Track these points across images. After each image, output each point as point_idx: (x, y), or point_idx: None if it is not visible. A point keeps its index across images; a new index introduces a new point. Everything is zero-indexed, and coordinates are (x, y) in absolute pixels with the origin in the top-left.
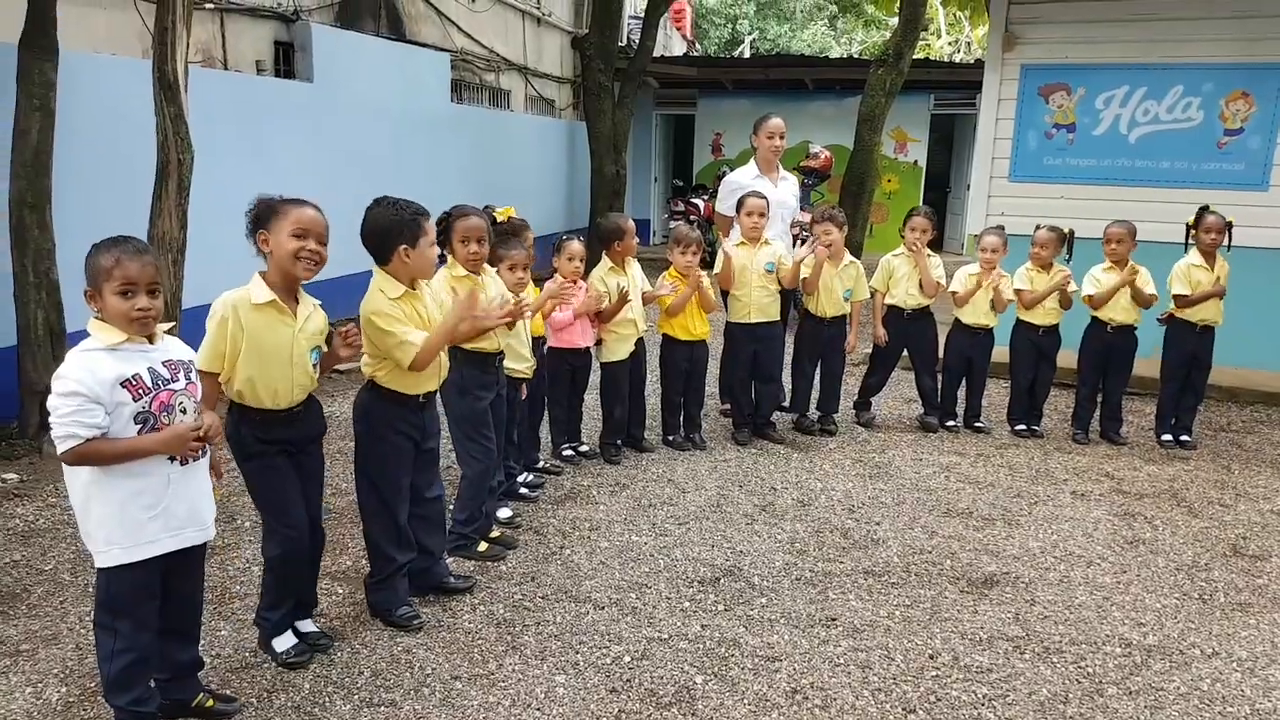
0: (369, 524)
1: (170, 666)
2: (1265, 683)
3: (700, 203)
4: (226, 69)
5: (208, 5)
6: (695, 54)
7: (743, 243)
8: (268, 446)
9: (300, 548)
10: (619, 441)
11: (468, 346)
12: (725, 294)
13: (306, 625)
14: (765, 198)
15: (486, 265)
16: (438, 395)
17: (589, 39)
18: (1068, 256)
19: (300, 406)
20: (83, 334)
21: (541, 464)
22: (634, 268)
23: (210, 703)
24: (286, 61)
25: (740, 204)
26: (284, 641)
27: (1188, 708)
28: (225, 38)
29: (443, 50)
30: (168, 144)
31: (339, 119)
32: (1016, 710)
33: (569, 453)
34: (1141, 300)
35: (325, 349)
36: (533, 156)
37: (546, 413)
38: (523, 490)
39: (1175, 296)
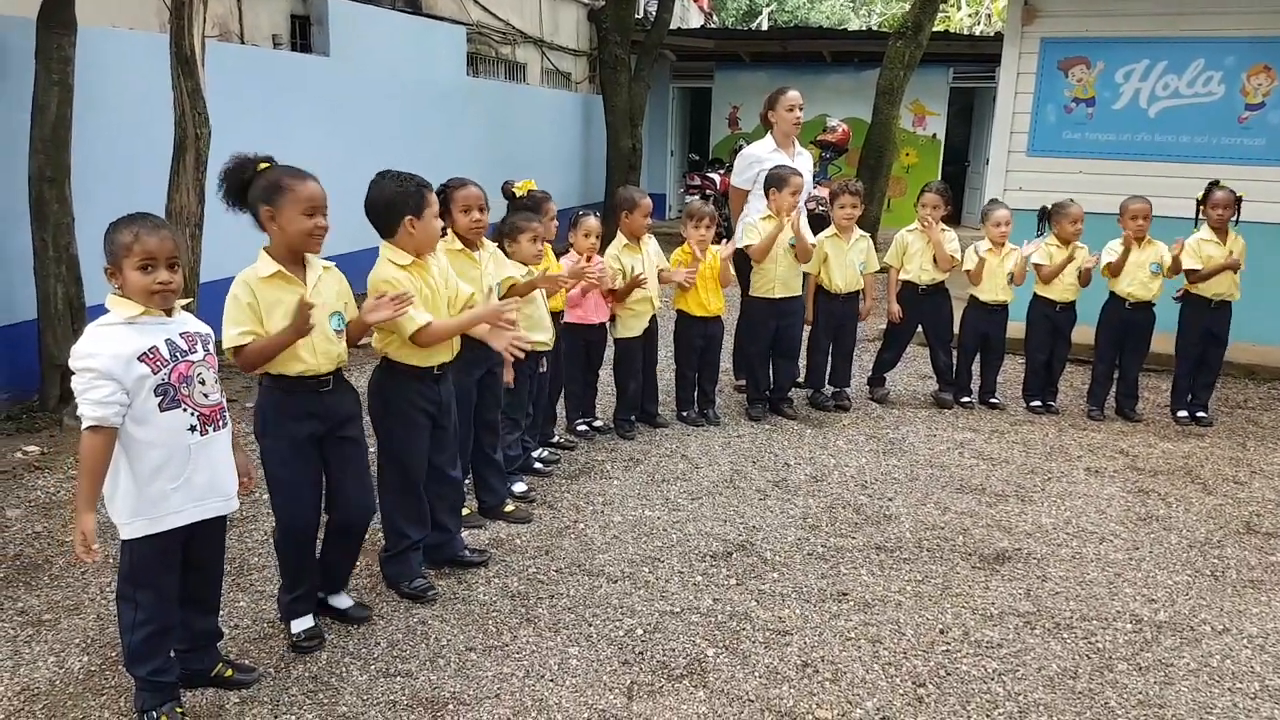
0: (386, 499)
1: (190, 636)
2: (1276, 659)
3: (716, 177)
4: (243, 43)
5: None
6: (712, 26)
7: (768, 216)
8: (293, 422)
9: (302, 532)
10: (633, 417)
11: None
12: (740, 272)
13: (342, 601)
14: (801, 174)
15: (485, 240)
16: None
17: (605, 11)
18: (1039, 231)
19: (329, 378)
20: (103, 308)
21: (556, 439)
22: (650, 244)
23: (229, 672)
24: (303, 36)
25: (779, 181)
26: (300, 624)
27: (1197, 684)
28: (242, 12)
29: (458, 23)
30: (185, 119)
31: (355, 93)
32: (1026, 685)
33: (583, 428)
34: (1085, 279)
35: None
36: (548, 130)
37: (562, 388)
38: (537, 465)
39: (1187, 272)
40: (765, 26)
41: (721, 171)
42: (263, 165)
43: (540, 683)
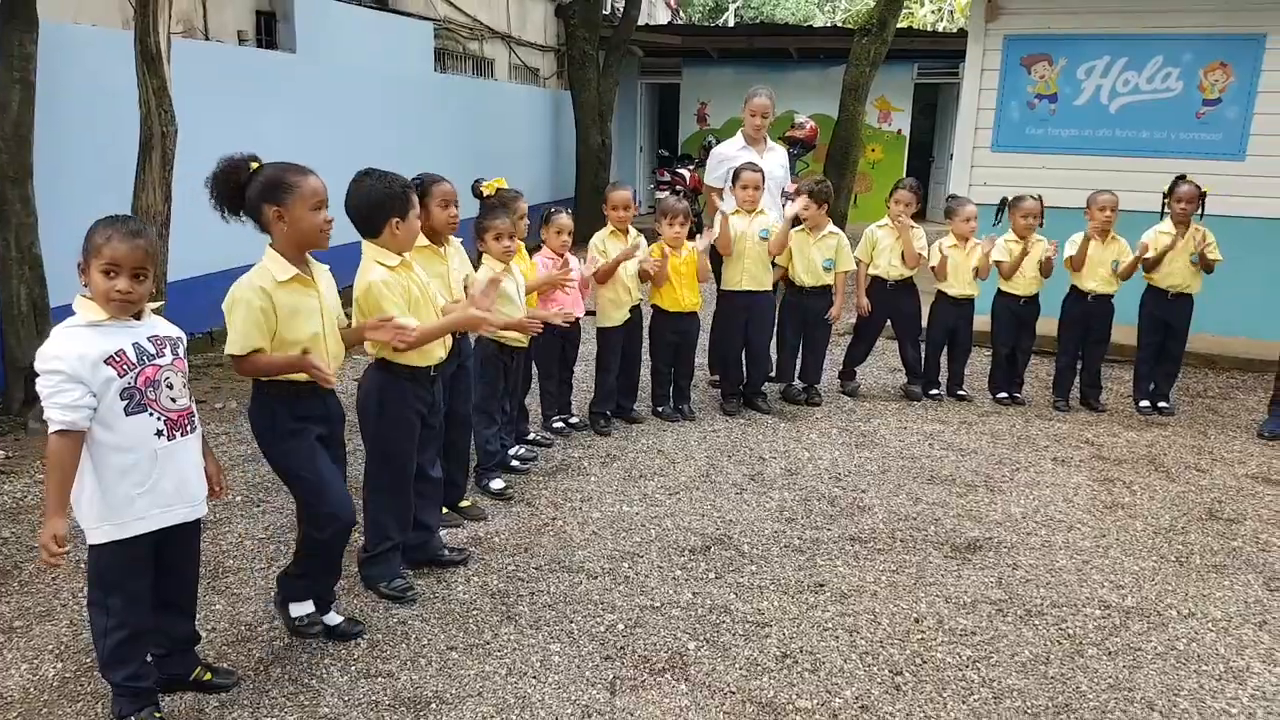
0: (374, 499)
1: (167, 641)
2: (1239, 642)
3: (686, 173)
4: (208, 40)
5: None
6: (679, 22)
7: (738, 211)
8: (303, 424)
9: (344, 529)
10: (608, 412)
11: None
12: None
13: (332, 618)
14: (760, 170)
15: (451, 237)
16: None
17: (573, 7)
18: (995, 221)
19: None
20: (68, 310)
21: (532, 436)
22: (639, 240)
23: (208, 676)
24: (268, 32)
25: (736, 175)
26: (302, 608)
27: (1165, 667)
28: (206, 8)
29: (426, 19)
30: (150, 117)
31: (322, 90)
32: (1000, 671)
33: (559, 425)
34: (1047, 271)
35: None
36: (517, 126)
37: (536, 385)
38: (514, 462)
39: (1142, 260)
40: (731, 23)
41: (691, 167)
42: (254, 165)
43: (523, 680)
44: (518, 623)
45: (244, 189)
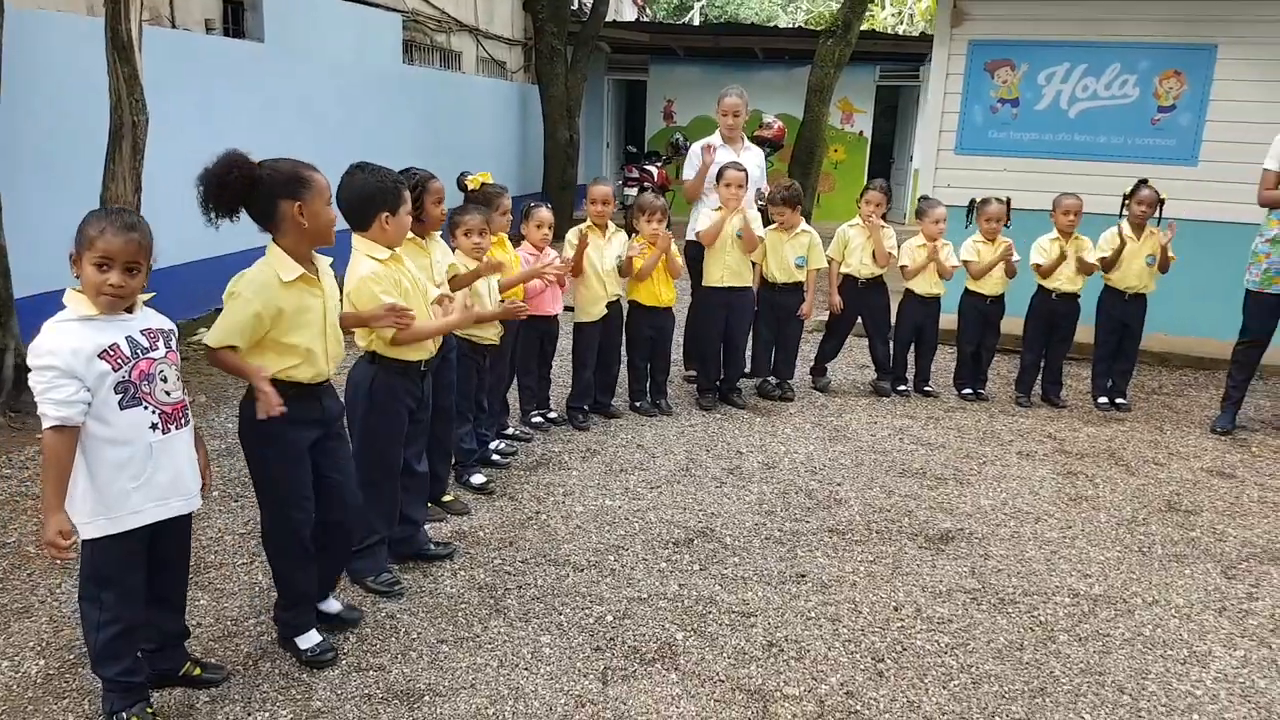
0: (363, 495)
1: (157, 636)
2: (1200, 627)
3: (654, 169)
4: (174, 27)
5: None
6: (646, 19)
7: (719, 207)
8: (295, 429)
9: (306, 541)
10: (586, 407)
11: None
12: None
13: (332, 605)
14: (745, 169)
15: (434, 232)
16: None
17: (541, 2)
18: (967, 224)
19: (328, 380)
20: (33, 301)
21: (511, 431)
22: (618, 236)
23: (198, 671)
24: (235, 20)
25: (720, 174)
26: (308, 640)
27: (1132, 652)
28: None
29: (394, 10)
30: (121, 106)
31: (290, 80)
32: (977, 658)
33: (538, 419)
34: (1011, 271)
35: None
36: (485, 119)
37: (515, 379)
38: (495, 457)
39: (1099, 260)
40: (696, 21)
41: (659, 164)
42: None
43: (515, 671)
44: (506, 615)
45: (246, 186)
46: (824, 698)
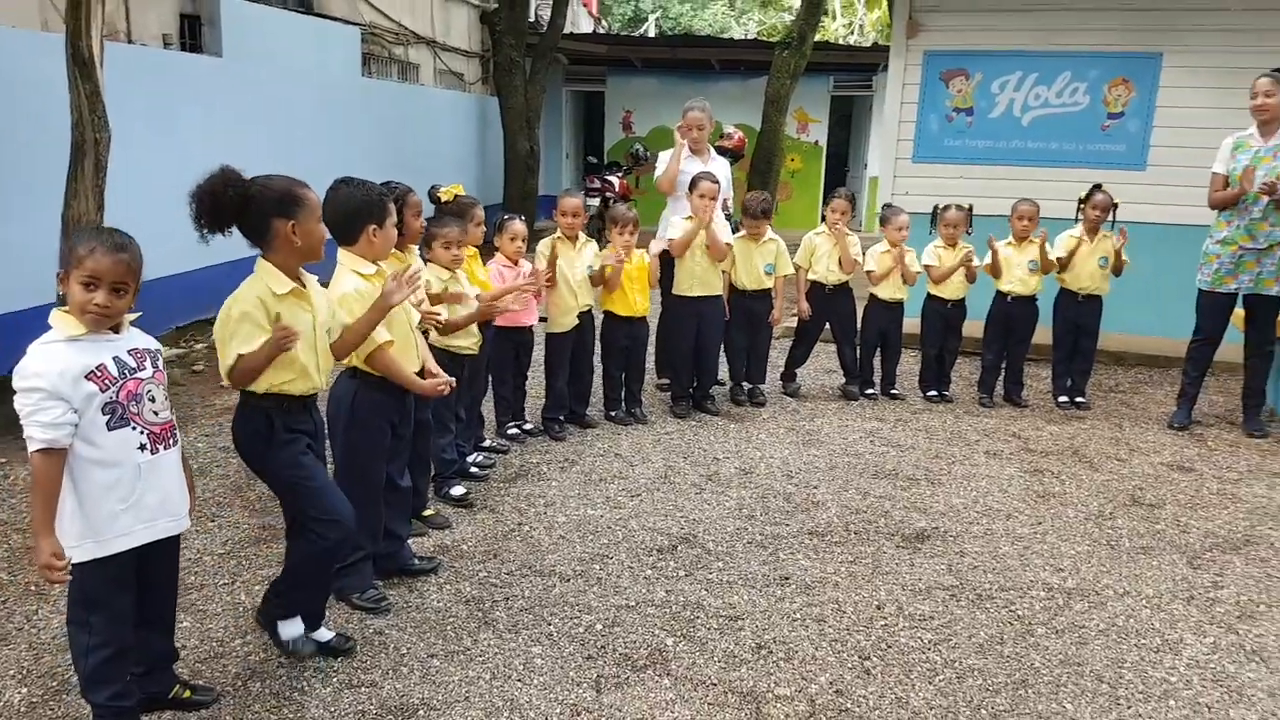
0: None
1: (146, 659)
2: (1171, 616)
3: (615, 180)
4: (131, 42)
5: None
6: (602, 31)
7: (689, 218)
8: (294, 438)
9: (346, 536)
10: (561, 417)
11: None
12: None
13: (323, 634)
14: (718, 180)
15: (412, 246)
16: None
17: (499, 15)
18: (930, 230)
19: (317, 394)
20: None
21: (488, 443)
22: (588, 246)
23: (187, 694)
24: (192, 35)
25: (693, 184)
26: (291, 629)
27: (1108, 642)
28: (129, 10)
29: (352, 24)
30: (83, 122)
31: (250, 94)
32: (960, 652)
33: (514, 431)
34: (971, 276)
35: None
36: (444, 130)
37: (490, 391)
38: (473, 469)
39: (1056, 260)
40: (651, 32)
41: (620, 174)
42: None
43: (508, 683)
44: (495, 628)
45: (239, 203)
46: (814, 697)
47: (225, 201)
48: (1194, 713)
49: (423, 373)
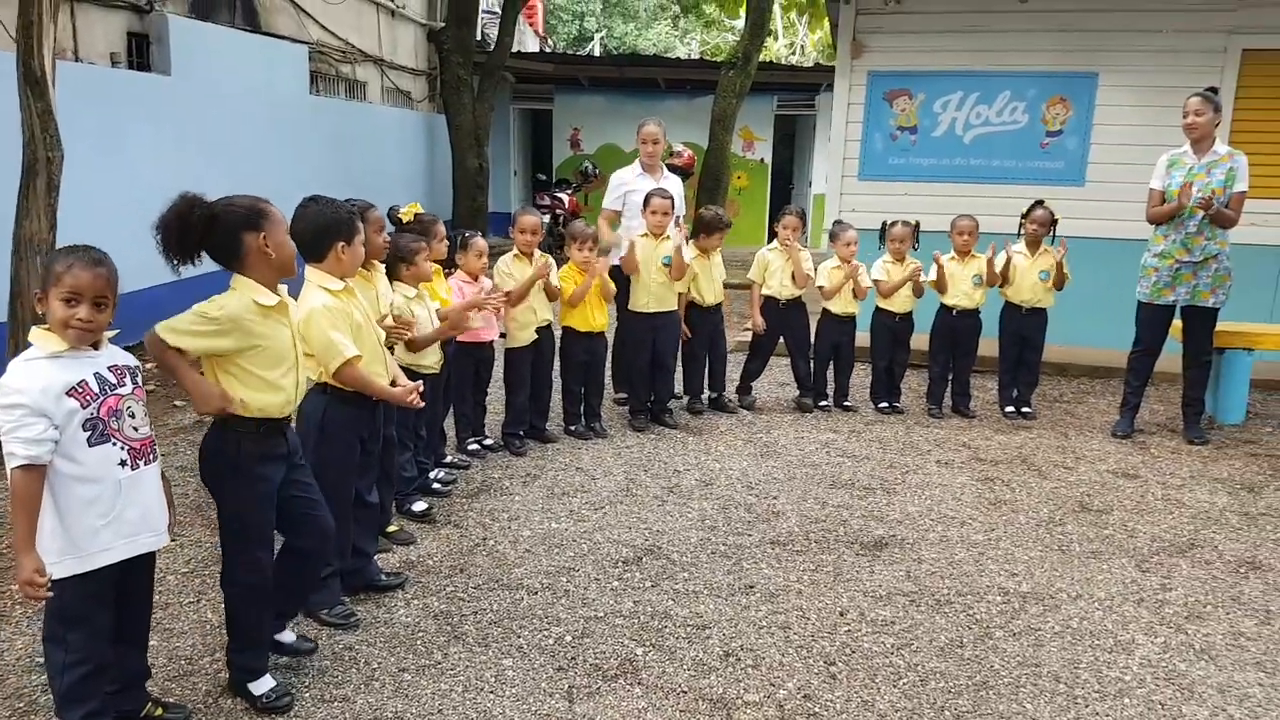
0: None
1: (120, 676)
2: (1123, 618)
3: (564, 197)
4: (78, 60)
5: None
6: (547, 49)
7: (645, 234)
8: (264, 466)
9: (269, 584)
10: (522, 432)
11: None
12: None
13: (286, 636)
14: (670, 197)
15: (376, 262)
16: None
17: (446, 33)
18: (879, 246)
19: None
20: None
21: (449, 459)
22: (542, 261)
23: (159, 711)
24: (139, 53)
25: (647, 200)
26: (262, 685)
27: (1063, 643)
28: (76, 28)
29: (299, 42)
30: (35, 141)
31: (198, 112)
32: (922, 656)
33: (474, 446)
34: (918, 291)
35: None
36: (392, 148)
37: (451, 407)
38: (436, 485)
39: (998, 273)
40: (596, 51)
41: (569, 191)
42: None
43: (481, 695)
44: (465, 641)
45: (206, 224)
46: (783, 702)
47: (191, 225)
48: (1148, 710)
49: (393, 385)
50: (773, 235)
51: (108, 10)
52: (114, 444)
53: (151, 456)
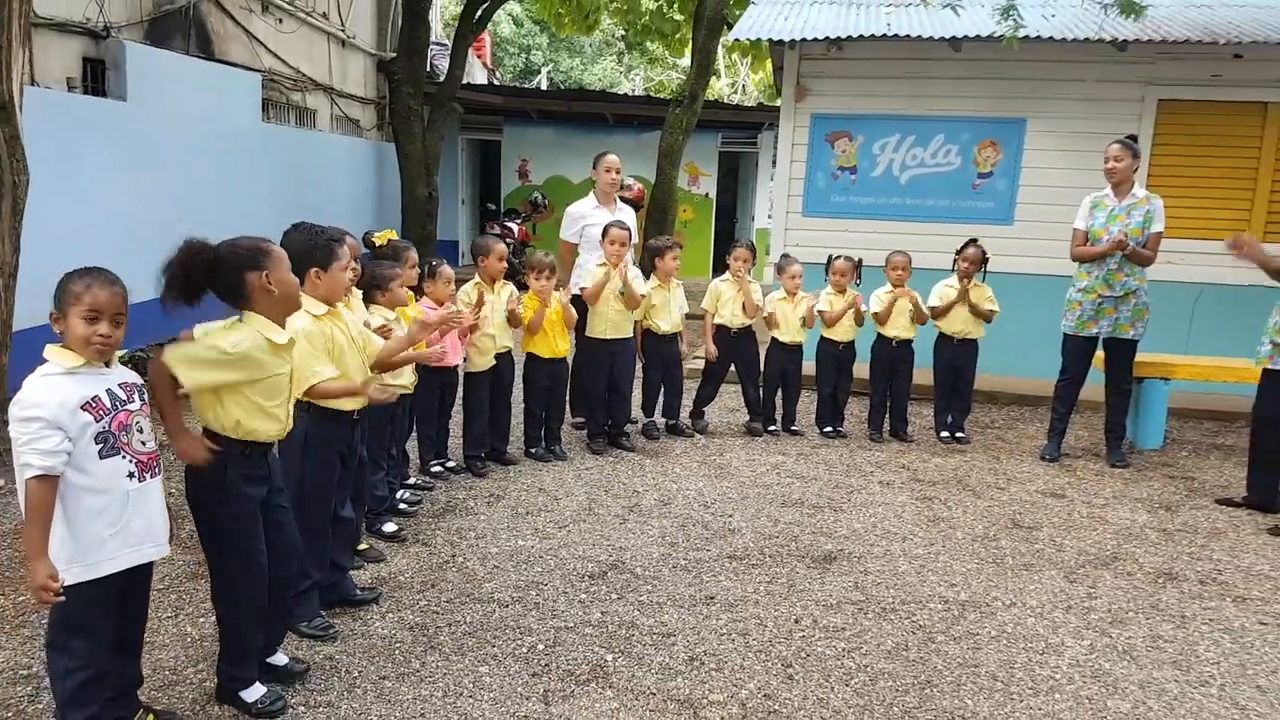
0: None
1: (117, 683)
2: (1053, 623)
3: (514, 226)
4: (34, 85)
5: None
6: (495, 81)
7: (603, 264)
8: (251, 486)
9: (263, 598)
10: (483, 454)
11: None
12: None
13: (278, 659)
14: (628, 228)
15: (353, 288)
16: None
17: (397, 64)
18: (858, 281)
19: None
20: None
21: (413, 480)
22: (505, 289)
23: (150, 718)
24: (96, 79)
25: (605, 231)
26: (253, 692)
27: (1000, 646)
28: (32, 53)
29: (252, 70)
30: (2, 166)
31: (154, 138)
32: (871, 658)
33: (437, 469)
34: (859, 319)
35: None
36: (342, 175)
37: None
38: (402, 505)
39: (930, 308)
40: (544, 85)
41: (519, 221)
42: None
43: (460, 699)
44: (441, 651)
45: (210, 266)
46: (745, 701)
47: (196, 268)
48: (1077, 704)
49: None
50: (718, 268)
51: (64, 36)
52: (123, 457)
53: (157, 469)
